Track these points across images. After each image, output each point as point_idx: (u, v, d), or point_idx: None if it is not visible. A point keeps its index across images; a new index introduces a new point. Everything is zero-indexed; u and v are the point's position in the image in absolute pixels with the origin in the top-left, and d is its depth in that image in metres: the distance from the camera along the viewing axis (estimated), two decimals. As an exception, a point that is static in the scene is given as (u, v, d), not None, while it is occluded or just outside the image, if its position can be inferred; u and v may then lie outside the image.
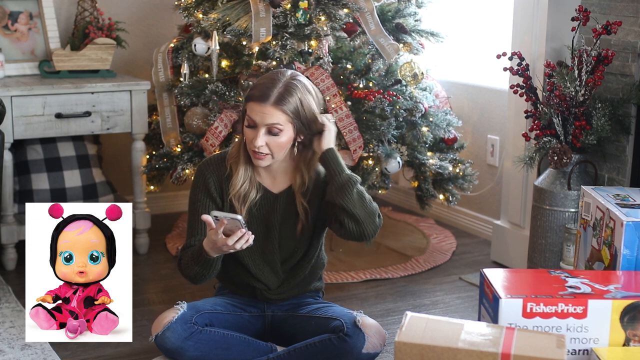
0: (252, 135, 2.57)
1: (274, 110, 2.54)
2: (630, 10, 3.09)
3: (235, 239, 2.45)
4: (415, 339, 1.93)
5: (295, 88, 2.57)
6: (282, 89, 2.55)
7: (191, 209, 2.72)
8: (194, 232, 2.69)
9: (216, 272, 2.65)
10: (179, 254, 2.71)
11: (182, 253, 2.69)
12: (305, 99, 2.58)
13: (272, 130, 2.56)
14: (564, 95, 3.08)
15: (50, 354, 2.78)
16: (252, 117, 2.56)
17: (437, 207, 4.21)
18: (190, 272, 2.65)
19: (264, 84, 2.58)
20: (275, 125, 2.55)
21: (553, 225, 3.15)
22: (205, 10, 3.52)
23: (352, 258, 3.73)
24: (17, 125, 3.49)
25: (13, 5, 3.83)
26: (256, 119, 2.55)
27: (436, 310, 3.22)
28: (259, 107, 2.55)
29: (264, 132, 2.55)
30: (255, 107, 2.56)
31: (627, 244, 2.35)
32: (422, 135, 3.57)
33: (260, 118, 2.55)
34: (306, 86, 2.61)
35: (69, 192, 3.76)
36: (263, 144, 2.56)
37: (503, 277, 2.28)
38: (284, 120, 2.55)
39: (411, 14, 3.68)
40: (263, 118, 2.54)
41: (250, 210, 2.67)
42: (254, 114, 2.56)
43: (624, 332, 2.13)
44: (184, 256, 2.67)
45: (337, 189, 2.58)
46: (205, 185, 2.69)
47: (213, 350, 2.63)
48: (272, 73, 2.65)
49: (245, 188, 2.65)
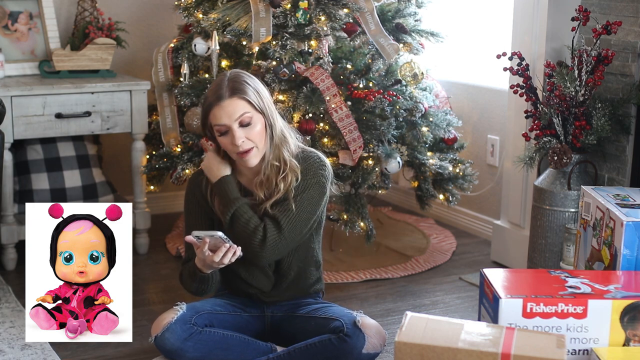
0: (229, 140, 2.56)
1: (234, 101, 2.54)
2: (630, 10, 3.09)
3: (220, 254, 2.48)
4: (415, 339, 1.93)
5: (243, 77, 2.60)
6: (231, 83, 2.57)
7: (186, 223, 2.76)
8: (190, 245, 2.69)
9: (216, 284, 2.68)
10: (180, 268, 2.75)
11: (182, 268, 2.73)
12: (258, 87, 2.60)
13: (243, 122, 2.55)
14: (564, 95, 3.08)
15: (50, 354, 2.78)
16: (220, 122, 2.55)
17: (437, 207, 4.21)
18: (191, 288, 2.69)
19: (213, 90, 2.59)
20: (244, 116, 2.54)
21: (553, 225, 3.15)
22: (205, 10, 3.52)
23: (352, 258, 3.73)
24: (17, 125, 3.49)
25: (13, 5, 3.83)
26: (224, 120, 2.54)
27: (436, 310, 3.22)
28: (220, 108, 2.54)
29: (237, 128, 2.55)
30: (217, 112, 2.55)
31: (627, 244, 2.35)
32: (422, 135, 3.57)
33: (227, 117, 2.54)
34: (252, 77, 2.63)
35: (69, 192, 3.76)
36: (243, 138, 2.55)
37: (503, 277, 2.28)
38: (248, 107, 2.55)
39: (411, 14, 3.68)
40: (230, 115, 2.54)
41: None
42: (219, 118, 2.55)
43: (624, 332, 2.13)
44: (184, 272, 2.70)
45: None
46: (194, 198, 2.71)
47: (213, 350, 2.63)
48: (214, 81, 2.66)
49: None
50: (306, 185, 2.63)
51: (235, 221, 2.59)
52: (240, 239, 2.57)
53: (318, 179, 2.64)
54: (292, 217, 2.60)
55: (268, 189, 2.63)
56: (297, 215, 2.61)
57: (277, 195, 2.61)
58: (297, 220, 2.61)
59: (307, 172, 2.64)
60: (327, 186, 2.67)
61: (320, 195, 2.65)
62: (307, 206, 2.62)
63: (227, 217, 2.60)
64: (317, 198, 2.65)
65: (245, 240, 2.57)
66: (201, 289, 2.65)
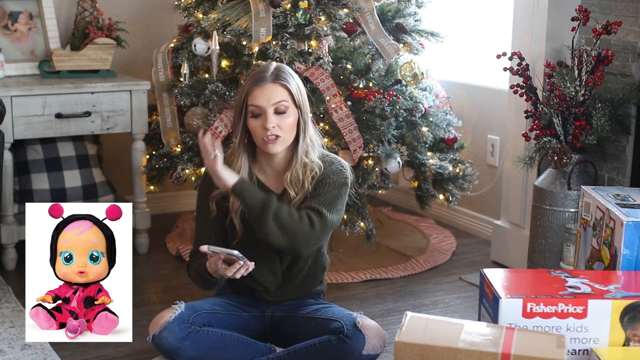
0: (259, 123, 2.58)
1: (275, 87, 2.58)
2: (630, 10, 3.09)
3: (234, 270, 2.51)
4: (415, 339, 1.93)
5: (289, 70, 2.66)
6: (276, 71, 2.62)
7: (197, 214, 2.76)
8: (201, 237, 2.72)
9: (222, 283, 2.72)
10: (188, 260, 2.76)
11: (191, 260, 2.74)
12: (300, 84, 2.65)
13: (279, 109, 2.58)
14: (564, 95, 3.08)
15: (50, 354, 2.78)
16: (257, 103, 2.58)
17: (437, 207, 4.21)
18: (197, 284, 2.74)
19: (257, 72, 2.64)
20: (281, 102, 2.58)
21: (553, 225, 3.15)
22: (205, 10, 3.52)
23: (352, 258, 3.73)
24: (17, 125, 3.49)
25: (13, 5, 3.83)
26: (261, 102, 2.57)
27: (436, 310, 3.22)
28: (260, 90, 2.58)
29: (272, 112, 2.58)
30: (257, 93, 2.58)
31: (627, 244, 2.35)
32: (422, 135, 3.57)
33: (265, 100, 2.57)
34: (296, 74, 2.68)
35: (69, 192, 3.76)
36: (274, 124, 2.57)
37: (503, 277, 2.28)
38: (287, 96, 2.59)
39: (411, 14, 3.68)
40: (268, 98, 2.57)
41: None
42: (258, 99, 2.58)
43: (624, 332, 2.13)
44: (192, 265, 2.72)
45: (255, 228, 2.59)
46: (210, 190, 2.71)
47: (211, 350, 2.63)
48: (259, 66, 2.69)
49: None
50: (333, 183, 2.65)
51: (277, 215, 2.55)
52: (285, 232, 2.55)
53: (345, 180, 2.68)
54: (329, 206, 2.61)
55: (297, 186, 2.65)
56: (332, 205, 2.62)
57: (303, 193, 2.63)
58: (333, 212, 2.62)
59: (334, 173, 2.67)
60: (348, 190, 2.71)
61: (345, 195, 2.69)
62: (337, 202, 2.64)
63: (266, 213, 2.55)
64: (344, 197, 2.68)
65: (292, 230, 2.55)
66: (207, 287, 2.72)
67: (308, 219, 2.58)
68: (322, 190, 2.63)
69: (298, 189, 2.65)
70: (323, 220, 2.59)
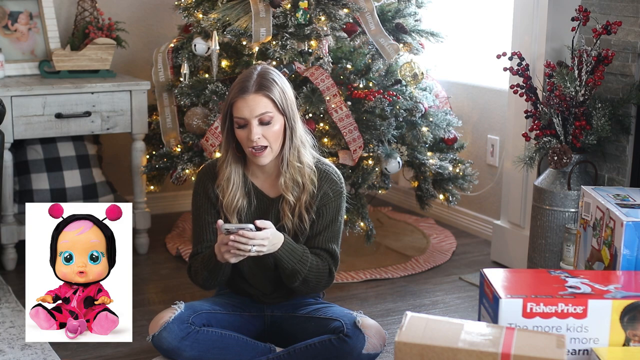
0: (245, 134, 2.57)
1: (259, 98, 2.55)
2: (630, 10, 3.09)
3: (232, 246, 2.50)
4: (415, 339, 1.93)
5: (272, 75, 2.61)
6: (259, 78, 2.58)
7: (194, 216, 2.74)
8: (200, 239, 2.70)
9: (225, 277, 2.67)
10: (189, 261, 2.74)
11: (192, 261, 2.72)
12: (285, 87, 2.62)
13: (263, 120, 2.56)
14: (564, 95, 3.08)
15: (50, 354, 2.78)
16: (240, 115, 2.56)
17: (437, 207, 4.21)
18: (199, 279, 2.68)
19: (240, 80, 2.61)
20: (265, 114, 2.56)
21: (553, 225, 3.15)
22: (205, 10, 3.52)
23: (352, 258, 3.73)
24: (17, 125, 3.49)
25: (13, 5, 3.83)
26: (245, 114, 2.55)
27: (436, 310, 3.22)
28: (244, 101, 2.55)
29: (256, 124, 2.56)
30: (240, 104, 2.56)
31: (627, 244, 2.35)
32: (422, 135, 3.57)
33: (249, 111, 2.55)
34: (280, 76, 2.65)
35: (69, 192, 3.76)
36: (259, 135, 2.56)
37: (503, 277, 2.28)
38: (270, 107, 2.56)
39: (411, 14, 3.68)
40: (252, 110, 2.55)
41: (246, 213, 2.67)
42: (241, 110, 2.56)
43: (624, 332, 2.13)
44: (194, 263, 2.70)
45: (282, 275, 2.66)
46: (204, 191, 2.70)
47: (210, 350, 2.63)
48: (244, 72, 2.67)
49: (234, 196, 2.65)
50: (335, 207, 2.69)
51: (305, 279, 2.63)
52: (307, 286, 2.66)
53: (341, 191, 2.71)
54: (337, 238, 2.71)
55: (295, 189, 2.64)
56: (338, 236, 2.71)
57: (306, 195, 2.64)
58: (339, 238, 2.72)
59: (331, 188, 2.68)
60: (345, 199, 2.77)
61: (344, 208, 2.75)
62: (340, 228, 2.73)
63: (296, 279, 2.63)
64: (344, 212, 2.74)
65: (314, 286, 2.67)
66: (210, 278, 2.65)
67: (328, 271, 2.66)
68: (327, 218, 2.67)
69: (297, 191, 2.64)
70: (336, 262, 2.69)
